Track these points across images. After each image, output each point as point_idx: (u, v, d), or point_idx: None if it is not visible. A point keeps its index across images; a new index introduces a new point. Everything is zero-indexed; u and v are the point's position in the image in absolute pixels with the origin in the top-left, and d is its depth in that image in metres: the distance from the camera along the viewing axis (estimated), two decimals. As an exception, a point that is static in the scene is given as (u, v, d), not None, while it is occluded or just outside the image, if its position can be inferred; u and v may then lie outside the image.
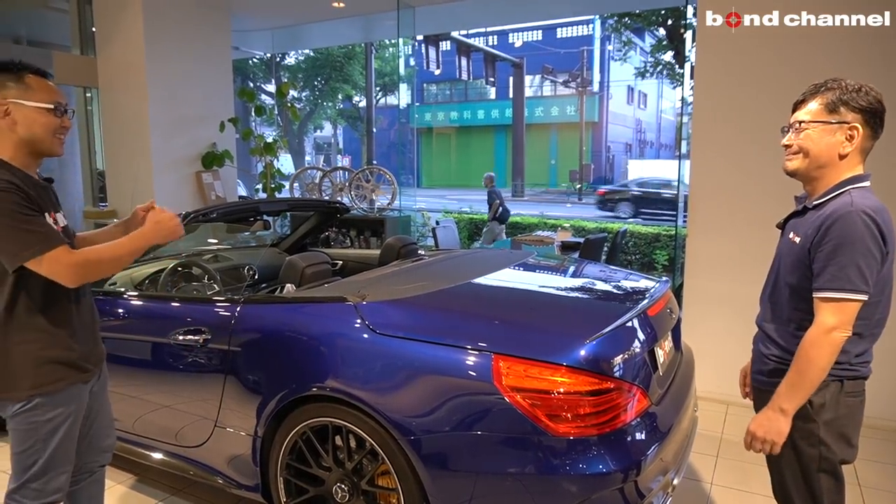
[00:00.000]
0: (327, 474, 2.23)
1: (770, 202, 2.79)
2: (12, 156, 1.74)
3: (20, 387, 1.77)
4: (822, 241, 1.62)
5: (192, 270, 3.34)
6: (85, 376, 1.89)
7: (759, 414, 1.71)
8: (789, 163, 1.75)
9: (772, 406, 1.67)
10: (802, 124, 1.70)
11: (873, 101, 1.65)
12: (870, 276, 1.58)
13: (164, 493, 2.90)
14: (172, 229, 1.89)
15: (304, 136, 28.71)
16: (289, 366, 2.25)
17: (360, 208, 6.09)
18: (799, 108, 1.75)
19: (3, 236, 1.64)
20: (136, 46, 5.91)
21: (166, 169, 6.14)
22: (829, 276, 1.59)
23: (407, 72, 24.64)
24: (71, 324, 1.85)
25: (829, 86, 1.69)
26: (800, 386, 1.63)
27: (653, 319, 2.31)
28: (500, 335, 2.02)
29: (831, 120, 1.66)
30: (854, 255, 1.57)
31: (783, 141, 1.77)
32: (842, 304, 1.58)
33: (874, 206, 1.60)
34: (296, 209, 4.35)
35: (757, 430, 1.69)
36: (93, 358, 1.95)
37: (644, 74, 18.66)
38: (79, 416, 1.92)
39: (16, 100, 1.70)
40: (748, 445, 1.72)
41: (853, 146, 1.66)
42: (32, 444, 1.81)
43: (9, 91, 1.71)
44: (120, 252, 1.79)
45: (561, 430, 1.82)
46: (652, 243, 8.62)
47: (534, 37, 30.81)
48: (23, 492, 1.83)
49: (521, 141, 26.14)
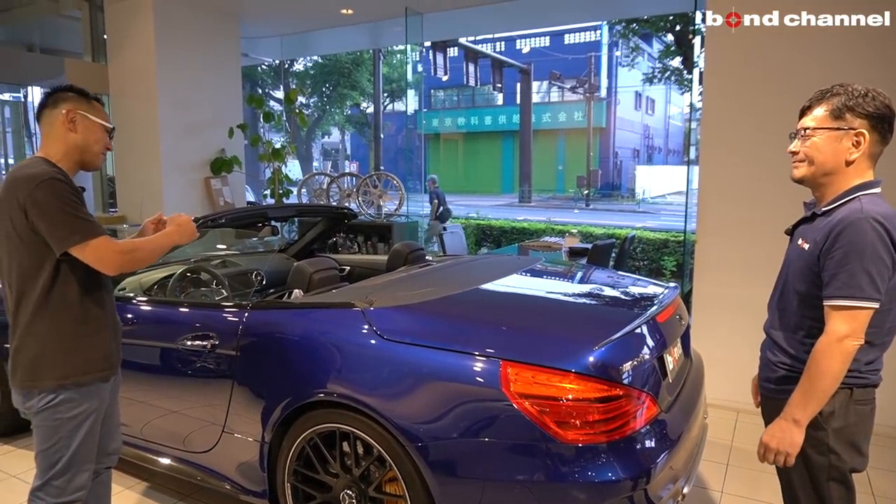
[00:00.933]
0: (335, 480, 2.22)
1: (780, 207, 2.77)
2: (60, 159, 1.91)
3: (50, 376, 1.84)
4: (831, 249, 1.60)
5: (201, 276, 3.35)
6: (107, 374, 1.96)
7: (773, 425, 1.69)
8: (796, 170, 1.74)
9: (785, 417, 1.65)
10: (808, 131, 1.69)
11: (881, 107, 1.63)
12: (881, 284, 1.56)
13: (172, 499, 2.90)
14: (192, 231, 2.10)
15: (312, 142, 28.87)
16: (296, 371, 2.25)
17: (367, 214, 6.09)
18: (805, 114, 1.73)
19: (55, 221, 1.76)
20: (146, 53, 5.97)
21: (176, 174, 6.18)
22: (839, 284, 1.57)
23: (414, 78, 24.68)
24: (101, 320, 1.93)
25: (834, 91, 1.67)
26: (812, 396, 1.61)
27: (662, 326, 2.30)
28: (509, 341, 2.01)
29: (837, 126, 1.64)
30: (864, 263, 1.55)
31: (790, 148, 1.76)
32: (853, 313, 1.56)
33: (884, 213, 1.58)
34: (304, 215, 4.37)
35: (770, 441, 1.67)
36: (115, 358, 2.01)
37: (652, 80, 18.61)
38: (101, 414, 1.97)
39: (85, 112, 1.93)
40: (762, 457, 1.70)
41: (860, 152, 1.64)
42: (57, 440, 1.87)
43: (80, 105, 1.94)
44: (153, 246, 1.97)
45: (570, 438, 1.81)
46: (660, 249, 8.57)
47: (541, 43, 30.85)
48: (46, 489, 1.89)
49: (528, 147, 26.14)
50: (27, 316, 1.84)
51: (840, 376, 1.59)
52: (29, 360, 1.85)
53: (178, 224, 2.07)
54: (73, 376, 1.85)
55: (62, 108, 1.89)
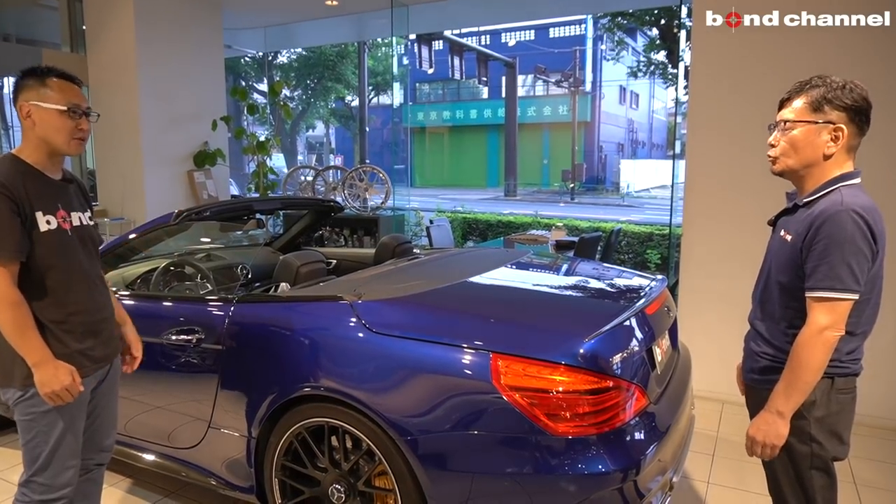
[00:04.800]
0: (323, 475, 2.20)
1: (765, 199, 2.79)
2: (30, 153, 1.85)
3: (17, 376, 1.81)
4: (813, 241, 1.61)
5: (185, 270, 3.31)
6: (82, 371, 1.87)
7: (758, 418, 1.71)
8: (776, 165, 1.75)
9: (769, 409, 1.67)
10: (788, 123, 1.70)
11: (858, 99, 1.63)
12: (861, 275, 1.57)
13: (157, 496, 2.87)
14: (56, 388, 1.76)
15: (297, 135, 28.62)
16: (283, 365, 2.23)
17: (353, 207, 6.06)
18: (784, 105, 1.74)
19: None
20: (126, 44, 5.86)
21: (158, 168, 6.09)
22: (820, 276, 1.59)
23: (400, 71, 24.60)
24: (69, 318, 1.86)
25: (813, 83, 1.68)
26: (795, 387, 1.62)
27: (651, 318, 2.31)
28: (498, 334, 2.00)
29: (816, 119, 1.65)
30: (845, 255, 1.56)
31: (769, 140, 1.76)
32: (834, 304, 1.58)
33: (864, 205, 1.59)
34: (289, 208, 4.33)
35: (756, 434, 1.68)
36: (97, 353, 1.94)
37: (636, 74, 18.71)
38: (79, 411, 1.92)
39: (35, 102, 1.81)
40: (750, 451, 1.72)
41: (838, 147, 1.65)
42: (34, 435, 1.85)
43: (30, 93, 1.82)
44: (18, 336, 1.74)
45: (560, 430, 1.81)
46: (644, 242, 8.63)
47: (526, 36, 30.82)
48: (31, 486, 1.87)
49: (513, 140, 26.15)
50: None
51: (822, 367, 1.61)
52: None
53: (56, 373, 1.76)
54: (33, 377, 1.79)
55: (20, 103, 1.82)
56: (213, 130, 6.42)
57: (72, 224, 1.89)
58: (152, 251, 3.58)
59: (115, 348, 2.05)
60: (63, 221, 1.86)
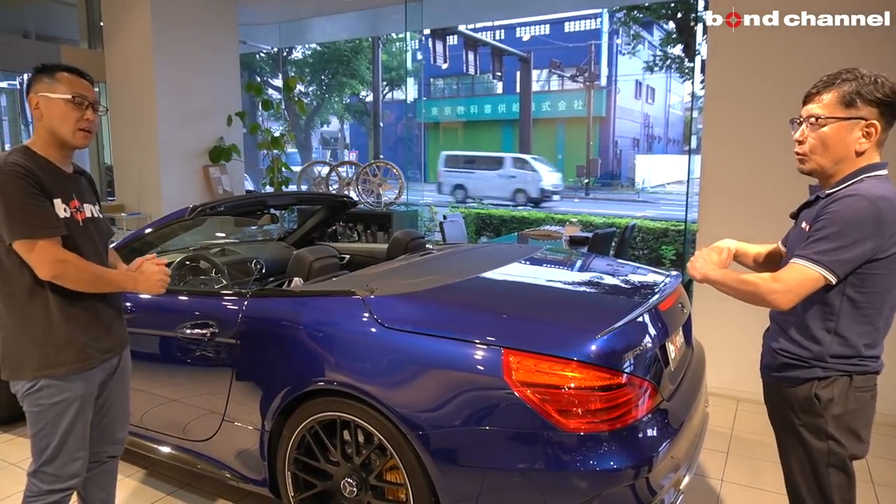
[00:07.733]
0: (335, 469, 2.22)
1: (782, 194, 2.75)
2: (41, 146, 1.87)
3: (25, 367, 1.83)
4: (818, 217, 1.60)
5: (200, 264, 3.33)
6: (85, 364, 1.89)
7: (703, 262, 1.82)
8: (804, 164, 1.69)
9: (711, 268, 1.78)
10: (819, 120, 1.64)
11: (890, 93, 1.60)
12: (844, 260, 1.54)
13: (172, 487, 2.90)
14: (155, 284, 1.95)
15: (311, 130, 28.74)
16: (296, 360, 2.24)
17: (366, 203, 6.07)
18: (811, 100, 1.68)
19: (2, 214, 1.73)
20: (143, 40, 5.91)
21: (173, 163, 6.14)
22: (807, 245, 1.59)
23: (414, 66, 24.59)
24: (81, 309, 1.88)
25: (844, 77, 1.63)
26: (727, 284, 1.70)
27: (664, 314, 2.29)
28: (510, 329, 2.00)
29: (848, 115, 1.60)
30: (838, 236, 1.54)
31: (795, 136, 1.71)
32: (804, 272, 1.57)
33: (881, 194, 1.55)
34: (303, 203, 4.35)
35: (695, 261, 1.83)
36: (106, 345, 1.96)
37: (652, 69, 18.52)
38: (87, 402, 1.93)
39: (43, 93, 1.84)
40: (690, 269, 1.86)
41: (870, 143, 1.61)
42: (43, 426, 1.86)
43: (40, 86, 1.85)
44: (105, 277, 1.87)
45: (571, 426, 1.80)
46: (659, 238, 8.55)
47: (541, 31, 30.63)
48: (40, 476, 1.89)
49: (528, 136, 26.03)
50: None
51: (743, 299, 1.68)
52: (4, 352, 1.84)
53: (143, 272, 1.94)
54: (45, 368, 1.82)
55: (30, 96, 1.85)
56: (229, 126, 6.46)
57: (84, 215, 1.92)
58: (168, 245, 3.61)
59: (122, 340, 2.06)
60: (76, 212, 1.88)
